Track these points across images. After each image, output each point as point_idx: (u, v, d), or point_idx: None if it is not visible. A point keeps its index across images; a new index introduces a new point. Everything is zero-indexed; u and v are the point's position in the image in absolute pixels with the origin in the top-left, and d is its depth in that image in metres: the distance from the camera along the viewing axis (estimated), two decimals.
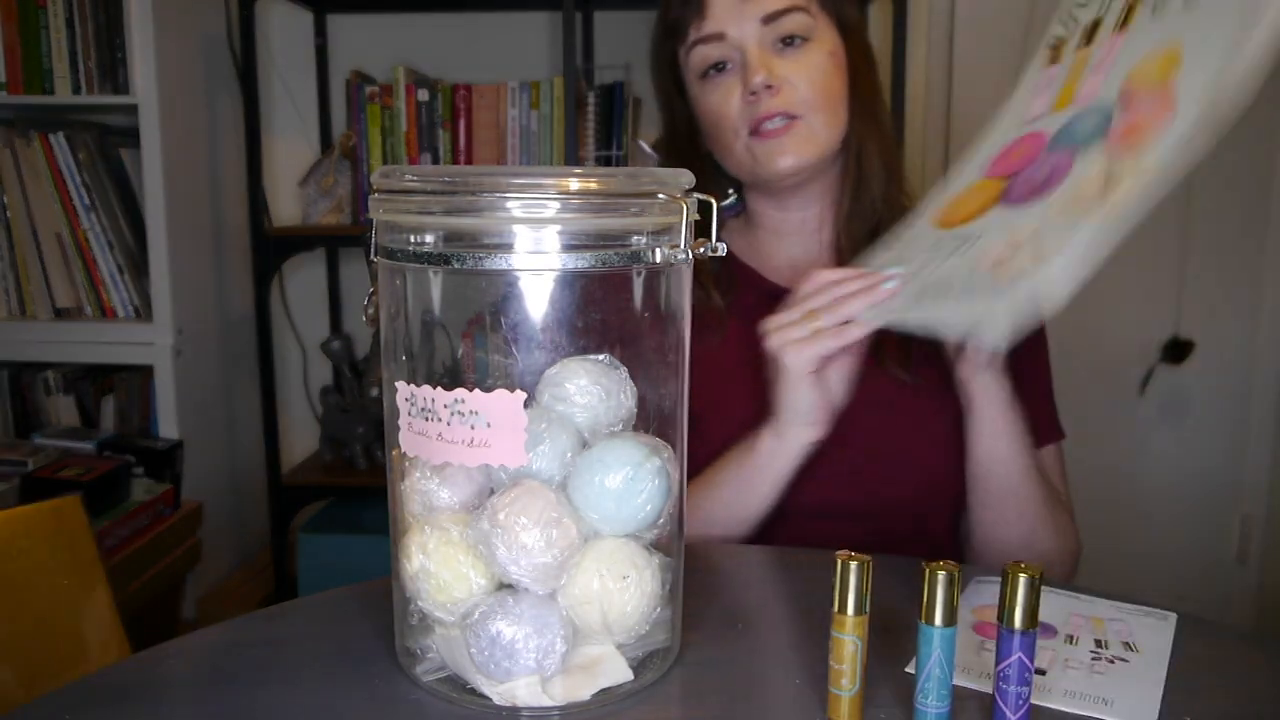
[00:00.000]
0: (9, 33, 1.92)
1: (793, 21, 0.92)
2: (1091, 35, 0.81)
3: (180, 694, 0.61)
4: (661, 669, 0.61)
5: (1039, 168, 0.78)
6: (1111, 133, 0.76)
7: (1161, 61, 0.76)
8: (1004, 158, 0.81)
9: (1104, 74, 0.78)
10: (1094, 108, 0.78)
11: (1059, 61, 0.83)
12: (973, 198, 0.81)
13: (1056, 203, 0.76)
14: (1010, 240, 0.76)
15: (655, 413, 0.62)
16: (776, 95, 0.92)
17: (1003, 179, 0.80)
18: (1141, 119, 0.76)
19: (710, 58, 0.94)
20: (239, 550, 2.31)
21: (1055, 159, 0.78)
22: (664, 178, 0.58)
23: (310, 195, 2.18)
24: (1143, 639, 0.66)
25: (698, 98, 0.98)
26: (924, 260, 0.80)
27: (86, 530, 0.99)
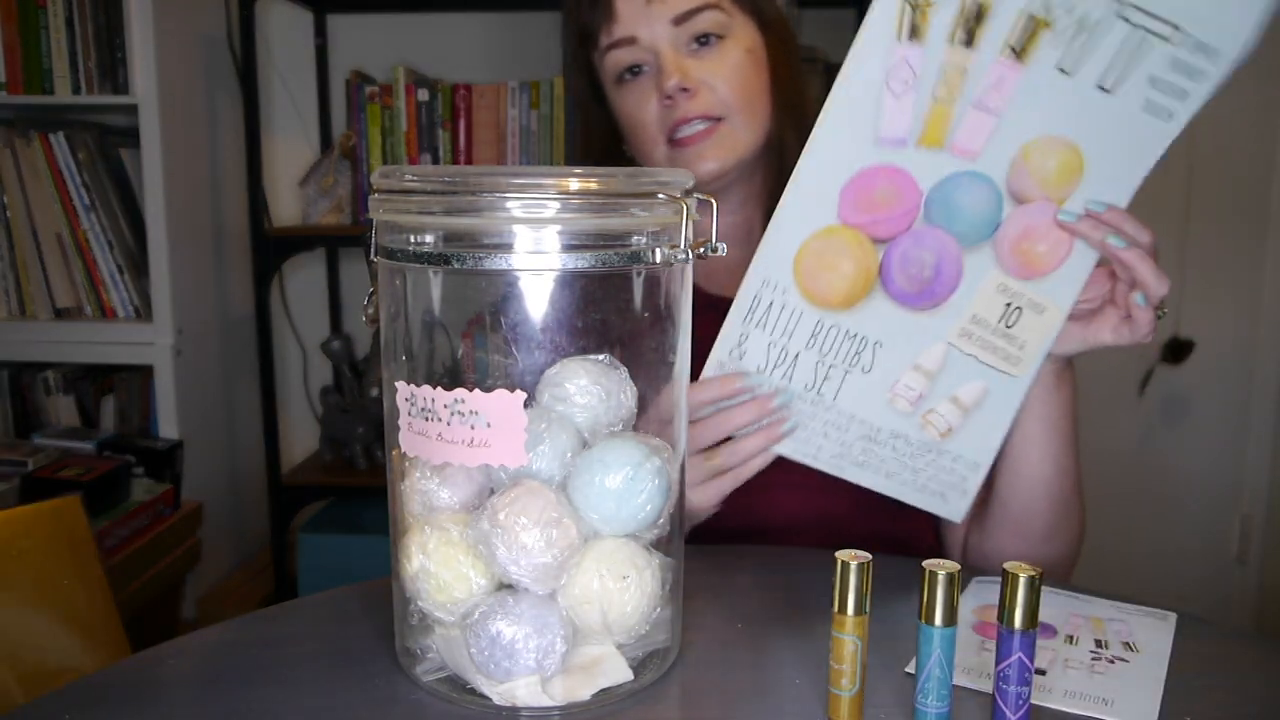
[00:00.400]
0: (9, 33, 1.91)
1: (705, 20, 0.89)
2: (973, 31, 0.69)
3: (180, 694, 0.61)
4: (661, 669, 0.61)
5: (919, 247, 0.73)
6: (1002, 238, 0.73)
7: (1061, 163, 0.71)
8: (861, 194, 0.73)
9: (991, 123, 0.71)
10: (976, 174, 0.72)
11: (919, 38, 0.70)
12: (839, 257, 0.74)
13: (955, 323, 0.75)
14: (919, 366, 0.75)
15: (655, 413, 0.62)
16: (693, 98, 0.89)
17: (870, 238, 0.73)
18: (1037, 239, 0.73)
19: (624, 62, 0.91)
20: (239, 550, 2.31)
21: (939, 244, 0.73)
22: (664, 178, 0.58)
23: (310, 195, 2.18)
24: (1143, 639, 0.66)
25: (615, 103, 0.95)
26: (814, 362, 0.75)
27: (86, 530, 0.99)
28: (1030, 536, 0.85)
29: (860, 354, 0.75)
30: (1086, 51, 0.69)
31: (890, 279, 0.74)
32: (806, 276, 0.74)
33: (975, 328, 0.75)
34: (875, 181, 0.72)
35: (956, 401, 0.76)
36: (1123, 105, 0.70)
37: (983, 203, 0.72)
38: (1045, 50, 0.69)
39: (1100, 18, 0.68)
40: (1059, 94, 0.70)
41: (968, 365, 0.75)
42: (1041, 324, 0.75)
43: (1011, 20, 0.69)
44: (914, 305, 0.74)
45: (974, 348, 0.75)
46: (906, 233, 0.73)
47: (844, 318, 0.75)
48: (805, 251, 0.74)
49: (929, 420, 0.76)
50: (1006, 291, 0.74)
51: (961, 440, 0.77)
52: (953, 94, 0.70)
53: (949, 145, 0.71)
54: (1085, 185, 0.72)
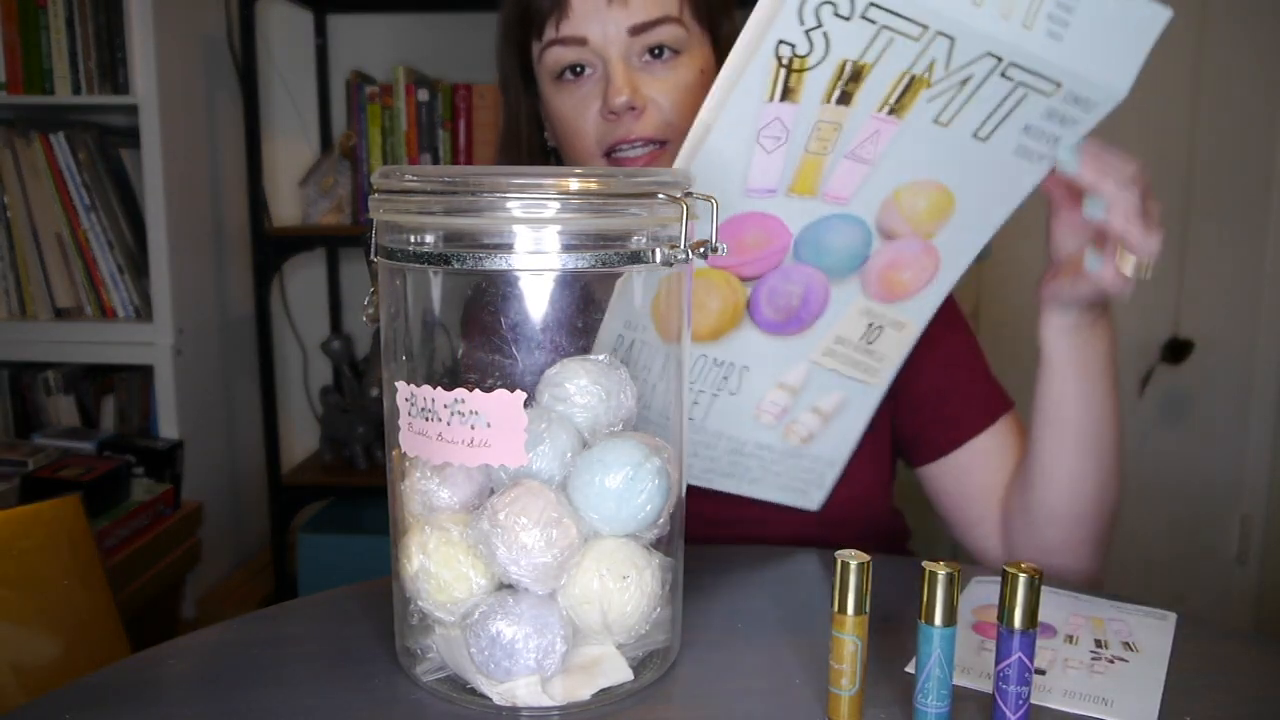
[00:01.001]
0: (9, 33, 1.91)
1: (664, 33, 0.83)
2: (850, 92, 0.66)
3: (180, 694, 0.61)
4: (661, 669, 0.61)
5: (787, 282, 0.73)
6: (869, 270, 0.74)
7: (932, 203, 0.72)
8: (730, 240, 0.71)
9: (863, 171, 0.70)
10: (849, 216, 0.71)
11: (793, 99, 0.66)
12: (706, 295, 0.73)
13: (819, 344, 0.76)
14: (783, 384, 0.77)
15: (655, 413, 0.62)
16: (639, 119, 0.84)
17: (739, 279, 0.73)
18: (902, 267, 0.74)
19: (566, 60, 0.85)
20: (239, 550, 2.31)
21: (806, 277, 0.73)
22: (664, 178, 0.58)
23: (310, 195, 2.18)
24: (1142, 639, 0.66)
25: (549, 98, 0.88)
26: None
27: (86, 530, 0.99)
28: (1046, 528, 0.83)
29: (728, 379, 0.76)
30: (963, 105, 0.68)
31: (758, 311, 0.75)
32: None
33: (838, 346, 0.77)
34: (744, 228, 0.71)
35: (817, 411, 0.79)
36: (996, 152, 0.70)
37: (852, 240, 0.73)
38: (923, 105, 0.67)
39: (981, 75, 0.66)
40: (934, 143, 0.69)
41: (828, 379, 0.78)
42: (900, 338, 0.78)
43: (890, 81, 0.66)
44: (780, 332, 0.75)
45: (836, 364, 0.77)
46: (775, 269, 0.73)
47: (711, 348, 0.75)
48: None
49: (791, 429, 0.79)
50: (870, 314, 0.76)
51: (821, 443, 0.80)
52: (825, 147, 0.68)
53: (821, 193, 0.70)
54: (954, 221, 0.73)
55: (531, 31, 0.86)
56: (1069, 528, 0.83)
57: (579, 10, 0.83)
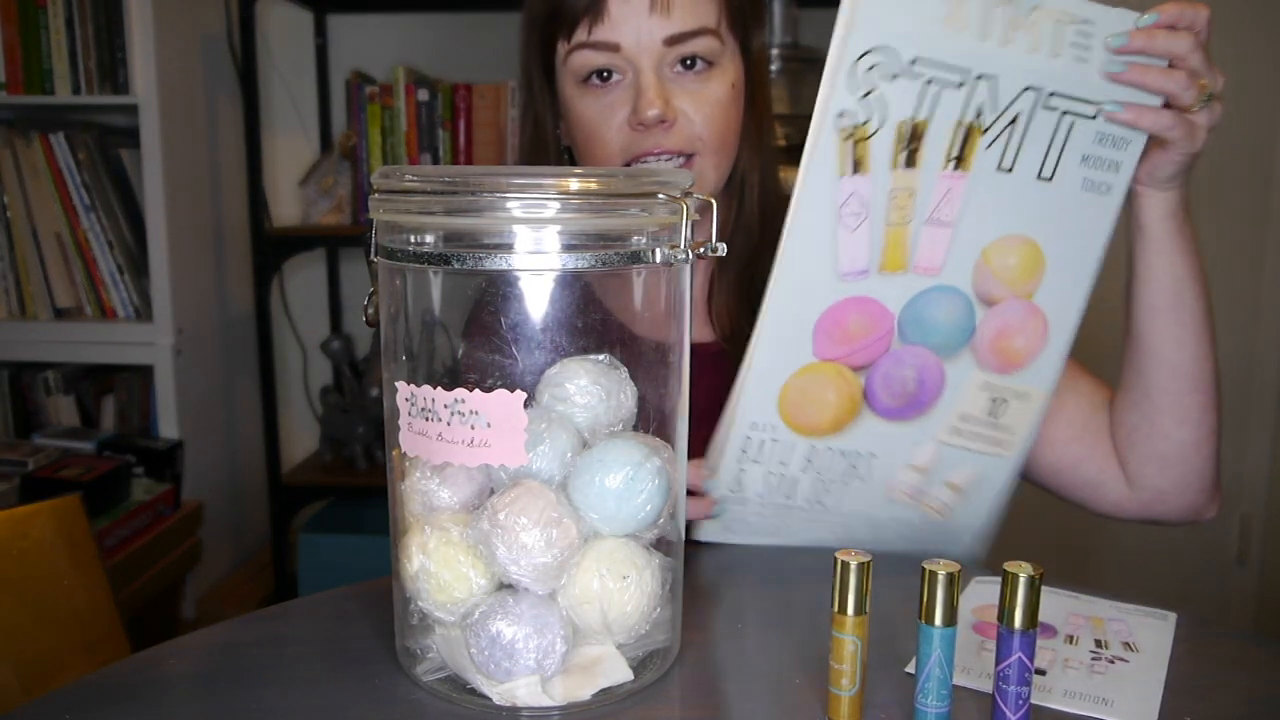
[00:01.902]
0: (9, 33, 1.91)
1: (700, 44, 0.81)
2: (914, 151, 0.69)
3: (180, 694, 0.61)
4: (661, 669, 0.61)
5: (899, 366, 0.74)
6: (979, 342, 0.74)
7: (1022, 259, 0.73)
8: (834, 328, 0.72)
9: (947, 236, 0.71)
10: (945, 288, 0.73)
11: (864, 170, 0.69)
12: (822, 389, 0.74)
13: (942, 422, 0.76)
14: (913, 465, 0.77)
15: (655, 413, 0.62)
16: (668, 131, 0.82)
17: (849, 367, 0.73)
18: (1012, 335, 0.74)
19: (594, 65, 0.82)
20: (239, 550, 2.31)
21: (918, 359, 0.74)
22: (664, 178, 0.58)
23: (310, 195, 2.18)
24: (1143, 639, 0.66)
25: (571, 100, 0.86)
26: (812, 481, 0.77)
27: (86, 530, 0.99)
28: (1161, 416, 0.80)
29: (856, 466, 0.76)
30: (1020, 146, 0.70)
31: (875, 399, 0.75)
32: (793, 413, 0.74)
33: (963, 424, 0.76)
34: (846, 314, 0.72)
35: (951, 486, 0.78)
36: (1064, 189, 0.71)
37: (955, 313, 0.73)
38: (984, 154, 0.70)
39: (1027, 110, 0.69)
40: (1005, 193, 0.71)
41: (959, 456, 0.77)
42: (1026, 409, 0.77)
43: (948, 133, 0.69)
44: (901, 417, 0.75)
45: (964, 441, 0.77)
46: (885, 354, 0.74)
47: (835, 440, 0.75)
48: (788, 390, 0.74)
49: (927, 505, 0.79)
50: (990, 388, 0.76)
51: (960, 513, 0.80)
52: (905, 216, 0.70)
53: (911, 267, 0.72)
54: (1049, 272, 0.73)
55: (560, 30, 0.83)
56: (1193, 426, 0.80)
57: (616, 15, 0.80)
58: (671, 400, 0.62)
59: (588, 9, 0.81)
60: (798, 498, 0.77)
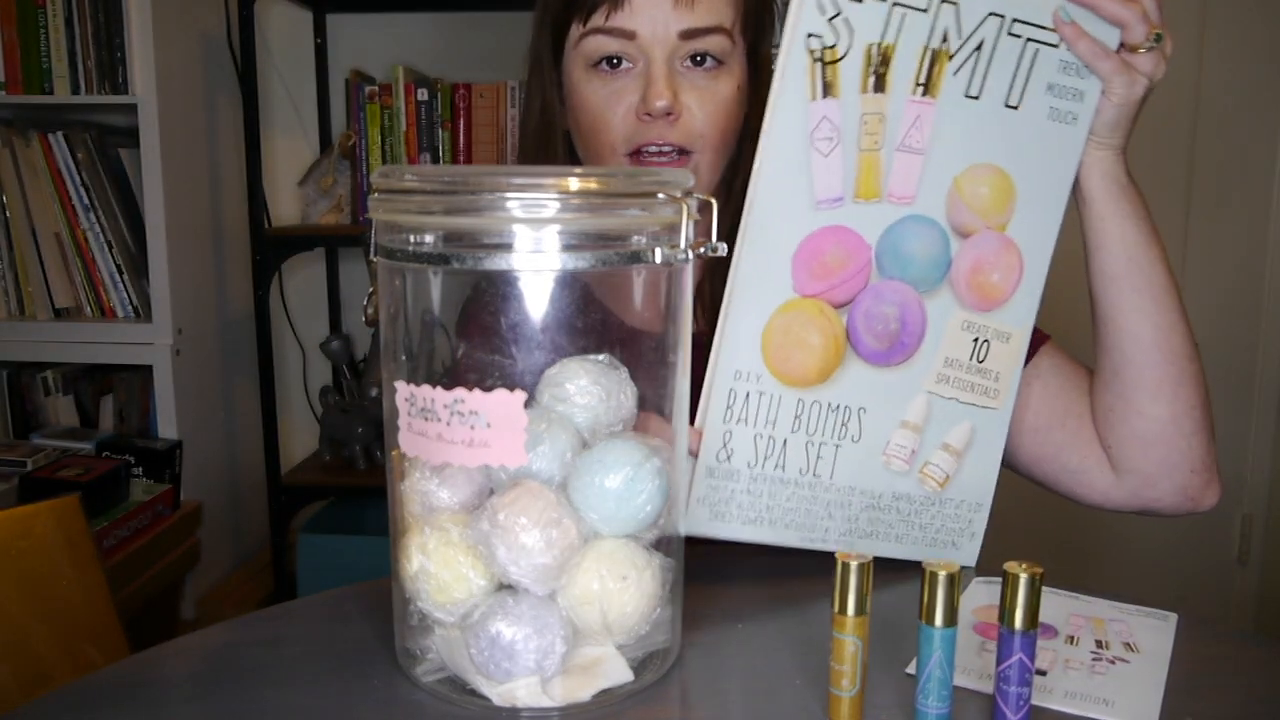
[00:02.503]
0: (8, 33, 1.91)
1: (712, 42, 0.82)
2: (882, 76, 0.70)
3: (180, 694, 0.61)
4: (661, 669, 0.61)
5: (880, 303, 0.73)
6: (957, 276, 0.74)
7: (993, 188, 0.73)
8: (813, 260, 0.71)
9: (919, 163, 0.71)
10: (918, 217, 0.72)
11: (834, 94, 0.69)
12: (805, 330, 0.72)
13: (930, 370, 0.75)
14: (906, 422, 0.75)
15: (655, 413, 0.62)
16: (673, 124, 0.82)
17: (830, 304, 0.72)
18: (989, 269, 0.74)
19: (607, 50, 0.82)
20: (239, 550, 2.31)
21: (899, 295, 0.73)
22: (664, 177, 0.58)
23: (310, 195, 2.18)
24: (1143, 639, 0.66)
25: (577, 84, 0.85)
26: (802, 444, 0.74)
27: (86, 530, 0.99)
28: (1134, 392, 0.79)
29: (847, 424, 0.74)
30: (987, 73, 0.71)
31: (859, 341, 0.73)
32: (777, 358, 0.72)
33: (950, 370, 0.75)
34: (824, 245, 0.71)
35: (948, 449, 0.77)
36: (1031, 118, 0.72)
37: (931, 244, 0.73)
38: (951, 80, 0.71)
39: (991, 37, 0.70)
40: (973, 120, 0.72)
41: (951, 409, 0.76)
42: (1010, 351, 0.76)
43: (915, 57, 0.70)
44: (887, 362, 0.74)
45: (953, 390, 0.76)
46: (865, 290, 0.73)
47: (823, 391, 0.74)
48: (770, 331, 0.72)
49: (926, 473, 0.77)
50: (971, 327, 0.75)
51: (960, 485, 0.78)
52: (877, 142, 0.71)
53: (885, 194, 0.71)
54: (1020, 203, 0.74)
55: (577, 12, 0.83)
56: (1168, 401, 0.79)
57: (639, 3, 0.81)
58: (672, 400, 0.62)
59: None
60: (789, 467, 0.74)
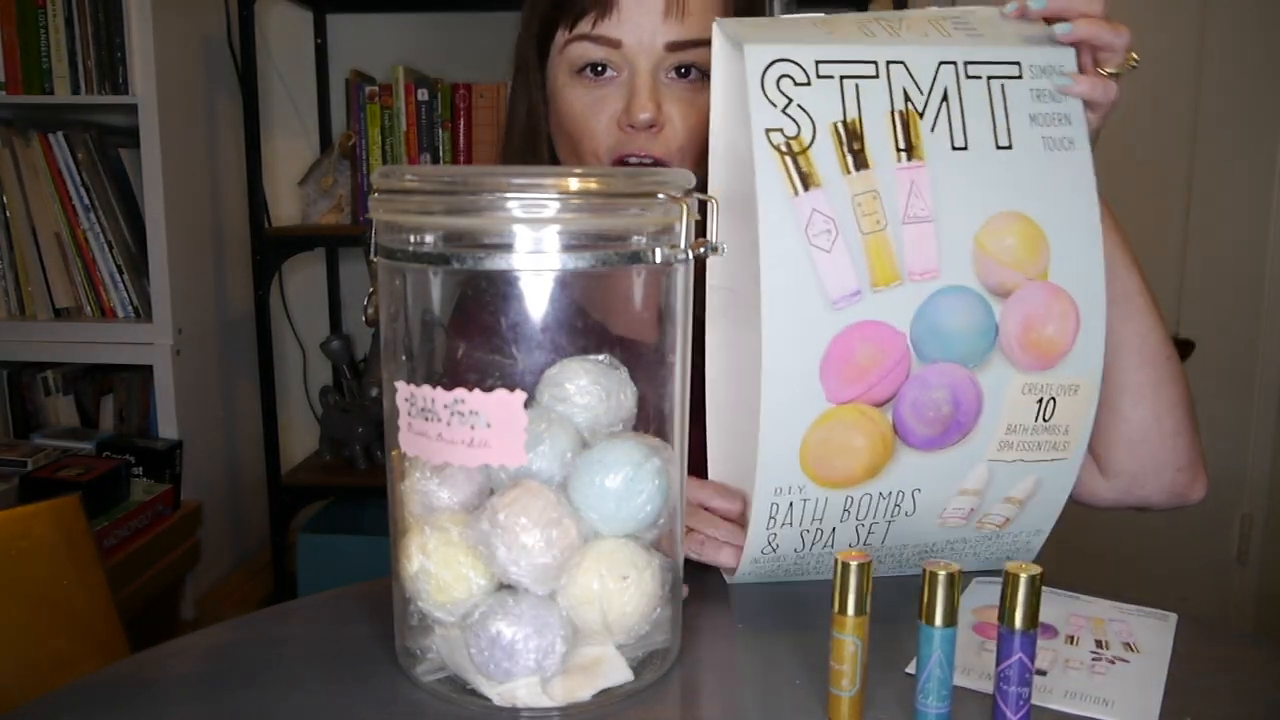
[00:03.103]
0: (8, 33, 1.91)
1: (699, 54, 0.80)
2: (859, 152, 0.64)
3: (180, 694, 0.61)
4: (661, 669, 0.61)
5: (928, 390, 0.66)
6: (1007, 340, 0.67)
7: (1021, 238, 0.66)
8: (843, 365, 0.65)
9: (931, 232, 0.65)
10: (953, 289, 0.65)
11: (815, 184, 0.64)
12: (847, 436, 0.66)
13: (990, 440, 0.68)
14: (965, 490, 0.70)
15: (655, 413, 0.62)
16: (655, 136, 0.82)
17: (870, 404, 0.66)
18: (1040, 323, 0.67)
19: (592, 57, 0.82)
20: (239, 550, 2.31)
21: (947, 378, 0.66)
22: (664, 178, 0.58)
23: (310, 195, 2.18)
24: (1143, 639, 0.66)
25: (560, 90, 0.85)
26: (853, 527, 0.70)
27: (86, 530, 0.99)
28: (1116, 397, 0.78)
29: (900, 504, 0.69)
30: (965, 121, 0.66)
31: (909, 433, 0.67)
32: (819, 467, 0.66)
33: (1013, 436, 0.69)
34: (851, 346, 0.64)
35: (1011, 500, 0.71)
36: (1028, 154, 0.67)
37: (970, 314, 0.66)
38: (931, 138, 0.66)
39: (953, 84, 0.67)
40: (971, 171, 0.66)
41: (1015, 470, 0.70)
42: (1079, 403, 0.69)
43: (885, 124, 0.65)
44: (942, 445, 0.68)
45: (1017, 454, 0.69)
46: (908, 382, 0.66)
47: (872, 485, 0.68)
48: (808, 445, 0.65)
49: (984, 523, 0.72)
50: (1033, 390, 0.68)
51: (1020, 523, 0.73)
52: (878, 221, 0.65)
53: (905, 274, 0.65)
54: (1054, 244, 0.67)
55: (564, 18, 0.83)
56: (1150, 403, 0.79)
57: (626, 13, 0.80)
58: (672, 400, 0.62)
59: (597, 2, 0.80)
60: (838, 544, 0.70)
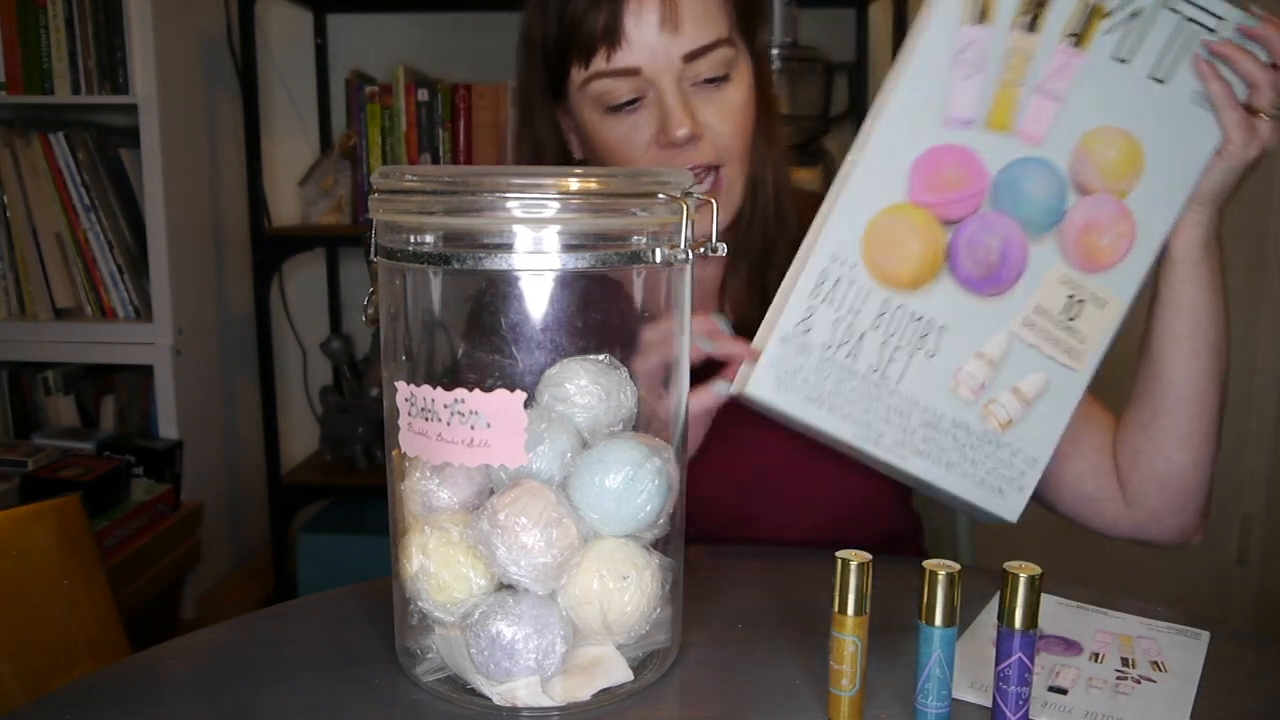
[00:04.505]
0: (9, 33, 1.91)
1: (716, 58, 0.81)
2: (1037, 16, 0.71)
3: (180, 694, 0.61)
4: (661, 669, 0.61)
5: (986, 232, 0.73)
6: (1067, 229, 0.74)
7: (1122, 154, 0.73)
8: (929, 172, 0.72)
9: (1054, 109, 0.72)
10: (1042, 160, 0.73)
11: (988, 20, 0.71)
12: (908, 236, 0.72)
13: (1019, 311, 0.74)
14: (982, 353, 0.74)
15: (655, 413, 0.62)
16: (697, 147, 0.82)
17: (938, 219, 0.72)
18: (1100, 230, 0.74)
19: (620, 94, 0.81)
20: (239, 550, 2.31)
21: (1005, 229, 0.73)
22: (664, 178, 0.58)
23: (310, 195, 2.18)
24: (1172, 658, 0.64)
25: (592, 126, 0.84)
26: (879, 343, 0.73)
27: (86, 530, 0.99)
28: (1164, 437, 0.81)
29: (925, 337, 0.74)
30: (1139, 41, 0.72)
31: (957, 262, 0.73)
32: (875, 253, 0.72)
33: (1038, 318, 0.75)
34: (944, 161, 0.72)
35: (1018, 393, 0.75)
36: (1174, 96, 0.73)
37: (1048, 190, 0.73)
38: (1102, 38, 0.72)
39: (1150, 7, 0.71)
40: (1116, 83, 0.72)
41: (1029, 356, 0.75)
42: (1103, 318, 0.76)
43: (1072, 6, 0.71)
44: (979, 291, 0.74)
45: (1036, 338, 0.75)
46: (974, 215, 0.73)
47: (911, 299, 0.73)
48: (874, 228, 0.72)
49: (990, 410, 0.75)
50: (1069, 283, 0.75)
51: (1021, 433, 0.76)
52: (1018, 77, 0.72)
53: (1016, 129, 0.72)
54: (1146, 177, 0.74)
55: (575, 59, 0.82)
56: (1194, 450, 0.81)
57: (634, 40, 0.79)
58: (671, 400, 0.62)
59: (605, 35, 0.79)
60: (860, 360, 0.73)
